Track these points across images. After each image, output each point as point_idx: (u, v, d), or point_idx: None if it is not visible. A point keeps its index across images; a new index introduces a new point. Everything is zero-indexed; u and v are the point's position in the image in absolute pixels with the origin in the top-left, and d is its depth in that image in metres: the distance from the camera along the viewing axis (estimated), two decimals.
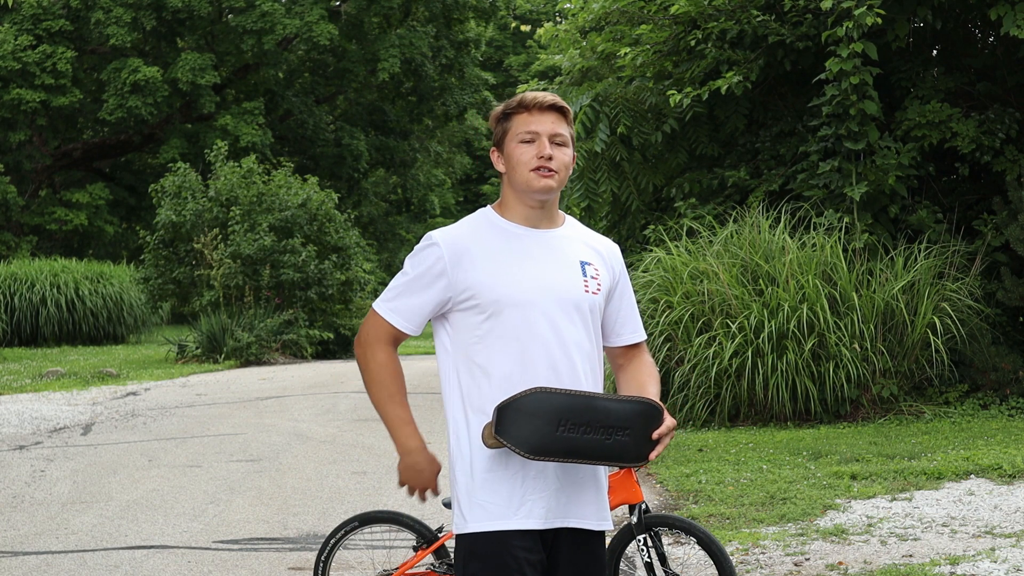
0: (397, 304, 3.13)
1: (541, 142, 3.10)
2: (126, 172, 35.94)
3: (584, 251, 3.19)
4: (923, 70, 11.90)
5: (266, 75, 34.15)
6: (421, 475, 3.17)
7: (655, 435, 3.00)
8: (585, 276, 3.14)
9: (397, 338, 3.16)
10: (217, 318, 19.79)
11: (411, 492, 3.20)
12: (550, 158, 3.10)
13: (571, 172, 3.21)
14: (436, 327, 3.16)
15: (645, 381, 3.21)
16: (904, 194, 11.27)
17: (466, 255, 3.08)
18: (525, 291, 3.06)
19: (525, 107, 3.13)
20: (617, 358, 3.30)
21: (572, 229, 3.23)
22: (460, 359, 3.10)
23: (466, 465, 3.07)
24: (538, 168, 3.09)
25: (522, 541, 3.01)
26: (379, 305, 3.15)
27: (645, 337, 3.32)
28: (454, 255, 3.08)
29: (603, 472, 3.16)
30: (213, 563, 6.17)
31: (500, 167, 3.17)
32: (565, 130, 3.14)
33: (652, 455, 3.01)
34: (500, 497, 3.02)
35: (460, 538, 3.08)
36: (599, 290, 3.16)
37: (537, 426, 2.91)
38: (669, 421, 3.03)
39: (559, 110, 3.13)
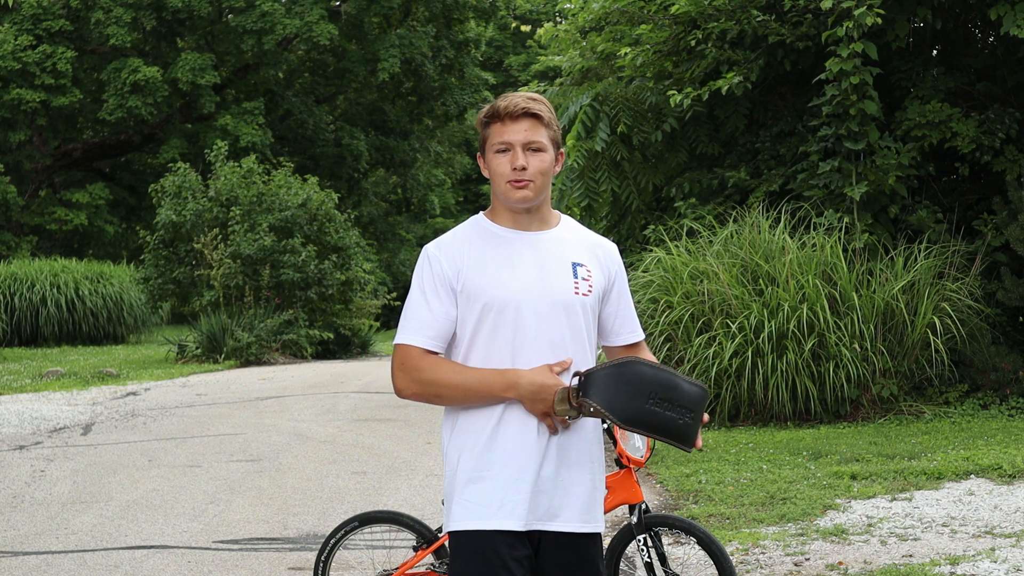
0: (416, 326, 3.09)
1: (515, 152, 3.08)
2: (126, 172, 35.96)
3: (577, 252, 3.18)
4: (923, 70, 11.90)
5: (266, 75, 34.16)
6: (544, 388, 3.00)
7: (703, 420, 3.07)
8: (576, 277, 3.13)
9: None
10: (217, 318, 19.79)
11: (553, 415, 2.99)
12: (523, 168, 3.07)
13: (555, 173, 3.19)
14: None
15: None
16: (904, 194, 11.27)
17: (459, 260, 3.10)
18: (515, 293, 3.07)
19: (499, 116, 3.10)
20: (617, 356, 3.30)
21: (566, 230, 3.21)
22: (458, 361, 3.13)
23: (452, 465, 3.11)
24: (513, 180, 3.08)
25: (505, 538, 3.03)
26: (398, 338, 3.11)
27: (643, 336, 3.34)
28: (450, 261, 3.11)
29: (592, 473, 3.16)
30: (213, 563, 6.17)
31: (486, 173, 3.18)
32: (541, 135, 3.10)
33: (699, 443, 3.07)
34: (481, 497, 3.04)
35: (449, 537, 3.13)
36: (590, 291, 3.15)
37: (630, 395, 2.95)
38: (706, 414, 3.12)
39: (533, 115, 3.10)
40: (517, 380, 3.01)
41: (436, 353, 3.09)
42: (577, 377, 2.96)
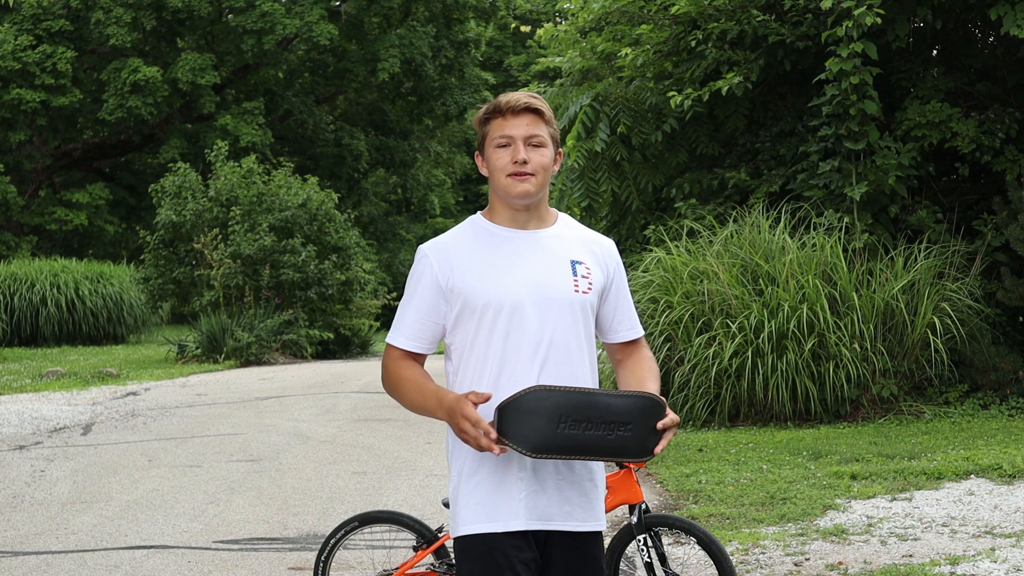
0: (400, 326, 3.16)
1: (516, 146, 3.08)
2: (126, 172, 35.95)
3: (575, 250, 3.17)
4: (923, 70, 11.91)
5: (266, 75, 34.17)
6: (452, 412, 2.94)
7: (660, 426, 2.98)
8: (575, 275, 3.13)
9: (412, 360, 3.17)
10: (217, 318, 19.79)
11: (470, 434, 2.92)
12: (525, 162, 3.08)
13: (555, 171, 3.19)
14: (445, 340, 3.20)
15: (644, 376, 3.20)
16: (904, 194, 11.28)
17: (454, 261, 3.10)
18: (514, 292, 3.07)
19: (500, 111, 3.11)
20: (616, 354, 3.30)
21: (564, 228, 3.21)
22: (459, 364, 3.13)
23: (456, 467, 3.12)
24: (514, 173, 3.08)
25: (512, 540, 3.03)
26: (388, 336, 3.19)
27: (643, 333, 3.33)
28: (442, 262, 3.11)
29: (592, 472, 3.15)
30: (213, 563, 6.17)
31: (484, 172, 3.18)
32: (542, 130, 3.11)
33: (657, 449, 2.99)
34: (483, 499, 3.04)
35: (454, 540, 3.12)
36: (590, 289, 3.14)
37: (538, 424, 2.90)
38: (672, 416, 3.02)
39: (535, 111, 3.11)
40: (441, 400, 3.01)
41: (417, 354, 3.14)
42: (496, 411, 2.92)
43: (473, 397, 2.94)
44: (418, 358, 3.16)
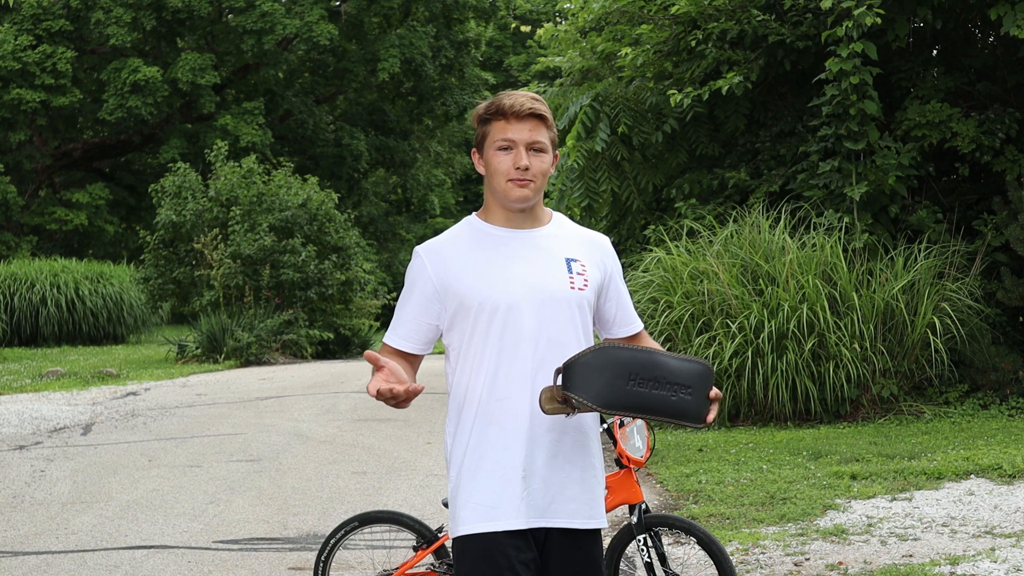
0: (395, 326, 3.19)
1: (518, 152, 3.08)
2: (126, 172, 35.95)
3: (570, 248, 3.18)
4: (923, 70, 11.91)
5: (266, 75, 34.16)
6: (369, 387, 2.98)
7: (711, 395, 3.03)
8: (571, 273, 3.14)
9: (402, 358, 3.18)
10: (217, 318, 19.78)
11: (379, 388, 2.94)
12: (527, 168, 3.08)
13: (552, 172, 3.19)
14: (443, 340, 3.21)
15: None
16: (904, 194, 11.28)
17: (449, 261, 3.11)
18: (510, 292, 3.08)
19: (503, 114, 3.10)
20: None
21: (558, 227, 3.22)
22: (456, 363, 3.14)
23: (455, 467, 3.12)
24: (515, 179, 3.09)
25: (512, 540, 3.02)
26: (385, 335, 3.22)
27: (643, 326, 3.36)
28: (436, 262, 3.12)
29: (592, 469, 3.15)
30: (213, 563, 6.17)
31: (481, 170, 3.18)
32: (544, 136, 3.11)
33: (709, 418, 3.04)
34: (482, 498, 3.04)
35: (453, 540, 3.12)
36: (586, 286, 3.15)
37: (608, 379, 2.92)
38: (717, 390, 3.07)
39: (538, 116, 3.10)
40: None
41: (408, 353, 3.15)
42: (557, 372, 2.94)
43: (384, 378, 2.95)
44: (412, 358, 3.17)
